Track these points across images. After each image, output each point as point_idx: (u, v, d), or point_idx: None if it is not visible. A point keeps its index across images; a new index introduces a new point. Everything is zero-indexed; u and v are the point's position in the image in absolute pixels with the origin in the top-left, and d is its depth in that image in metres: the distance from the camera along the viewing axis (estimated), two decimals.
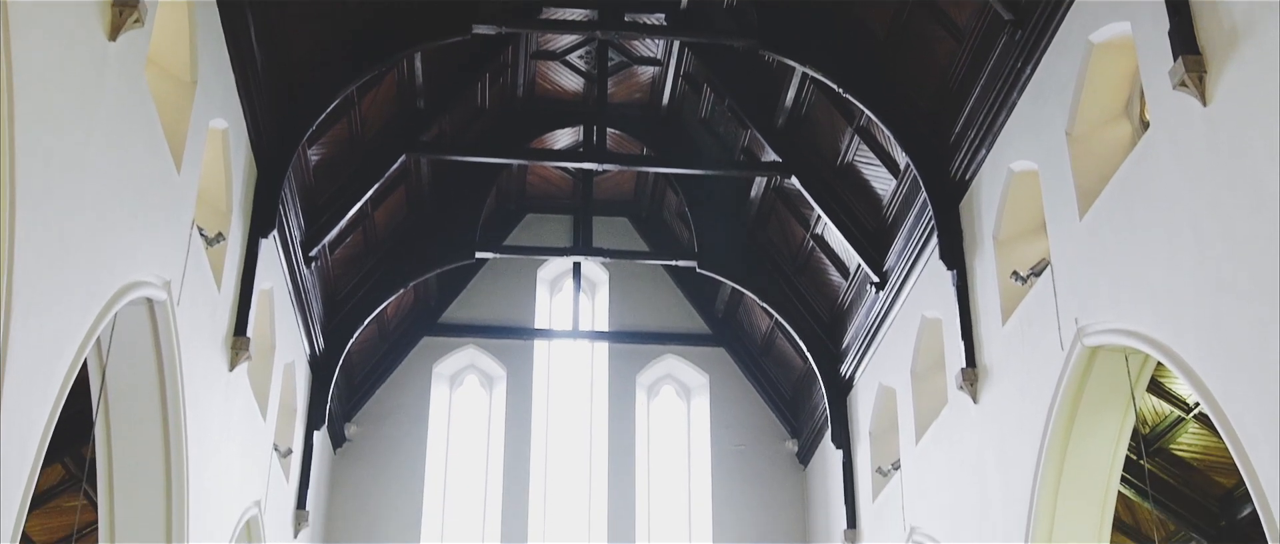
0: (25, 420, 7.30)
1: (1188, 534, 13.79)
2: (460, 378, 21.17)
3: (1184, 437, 13.09)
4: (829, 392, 17.93)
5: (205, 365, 11.58)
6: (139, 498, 10.76)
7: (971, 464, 13.05)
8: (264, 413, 14.43)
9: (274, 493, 15.17)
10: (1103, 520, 11.33)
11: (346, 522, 19.36)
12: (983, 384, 12.85)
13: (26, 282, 7.02)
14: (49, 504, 13.76)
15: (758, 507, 20.09)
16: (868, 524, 16.85)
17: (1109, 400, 10.79)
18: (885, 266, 15.55)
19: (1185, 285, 8.78)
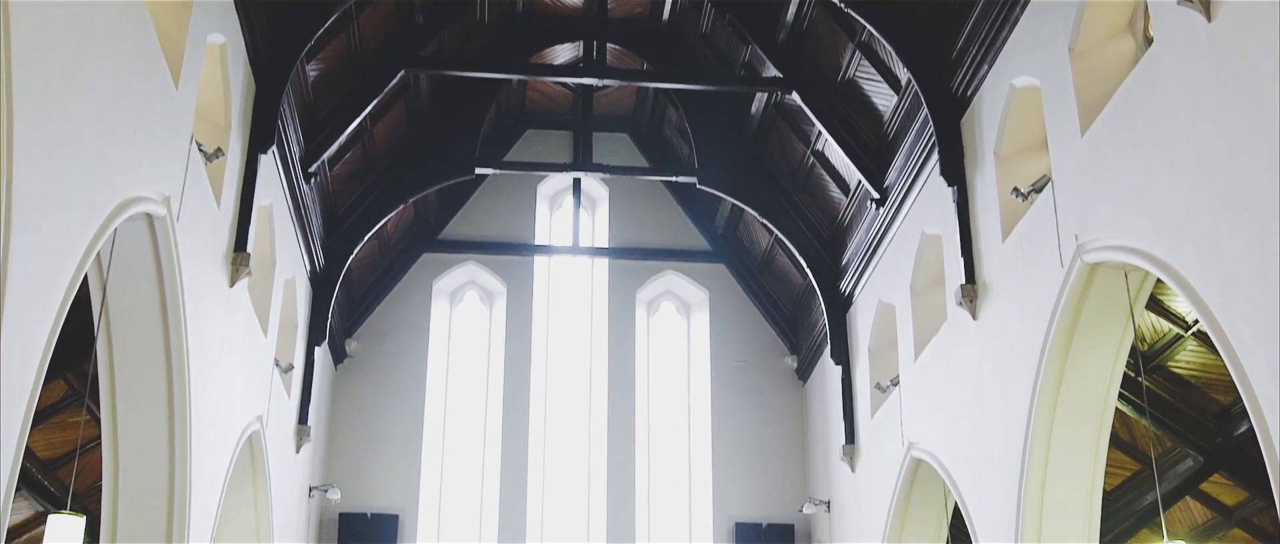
0: (26, 336, 7.32)
1: (1184, 451, 13.88)
2: (460, 294, 21.21)
3: (1182, 354, 13.13)
4: (828, 308, 17.96)
5: (205, 281, 11.60)
6: (141, 413, 10.82)
7: (970, 380, 13.10)
8: (265, 329, 14.47)
9: (275, 408, 15.25)
10: (1100, 436, 11.41)
11: (348, 437, 19.47)
12: (982, 300, 12.88)
13: (25, 197, 7.01)
14: (52, 420, 13.82)
15: (757, 422, 20.20)
16: (866, 439, 16.95)
17: (1108, 317, 10.82)
18: (886, 183, 15.52)
19: (1186, 202, 8.76)
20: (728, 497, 19.77)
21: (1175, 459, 14.03)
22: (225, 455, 12.86)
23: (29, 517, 15.04)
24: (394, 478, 19.42)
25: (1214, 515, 14.89)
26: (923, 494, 15.27)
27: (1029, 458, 11.47)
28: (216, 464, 12.50)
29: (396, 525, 19.07)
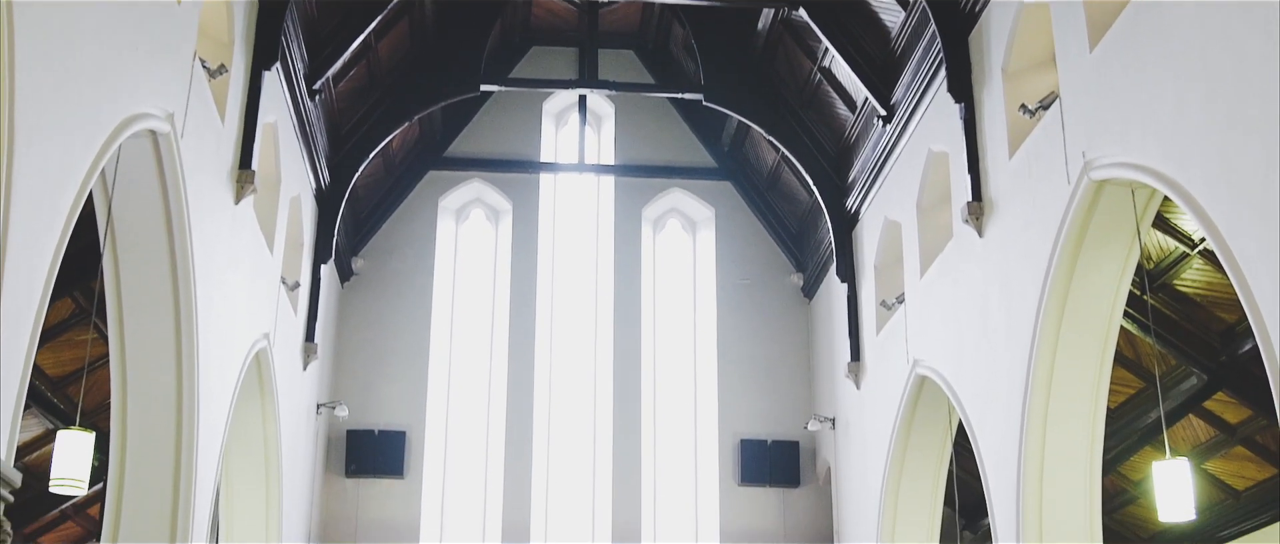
0: (32, 254, 7.33)
1: (1188, 369, 13.89)
2: (466, 212, 21.19)
3: (1188, 272, 13.10)
4: (834, 226, 17.94)
5: (210, 198, 11.59)
6: (148, 330, 10.86)
7: (975, 298, 13.11)
8: (270, 246, 14.48)
9: (282, 326, 15.30)
10: (1104, 354, 11.43)
11: (355, 354, 19.56)
12: (988, 218, 12.85)
13: (28, 114, 6.99)
14: (60, 338, 13.85)
15: (762, 340, 20.25)
16: (871, 357, 17.00)
17: (1114, 235, 10.80)
18: (892, 100, 15.44)
19: (1194, 119, 8.71)
20: (733, 414, 19.87)
21: (1179, 377, 14.05)
22: (232, 372, 12.92)
23: (39, 434, 15.13)
24: (401, 395, 19.52)
25: (1217, 433, 14.93)
26: (927, 411, 15.33)
27: (1033, 375, 11.50)
28: (224, 381, 12.56)
29: (403, 442, 19.20)
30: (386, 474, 19.05)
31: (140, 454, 11.15)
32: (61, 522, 17.58)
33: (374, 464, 19.02)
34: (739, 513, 19.38)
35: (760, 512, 19.39)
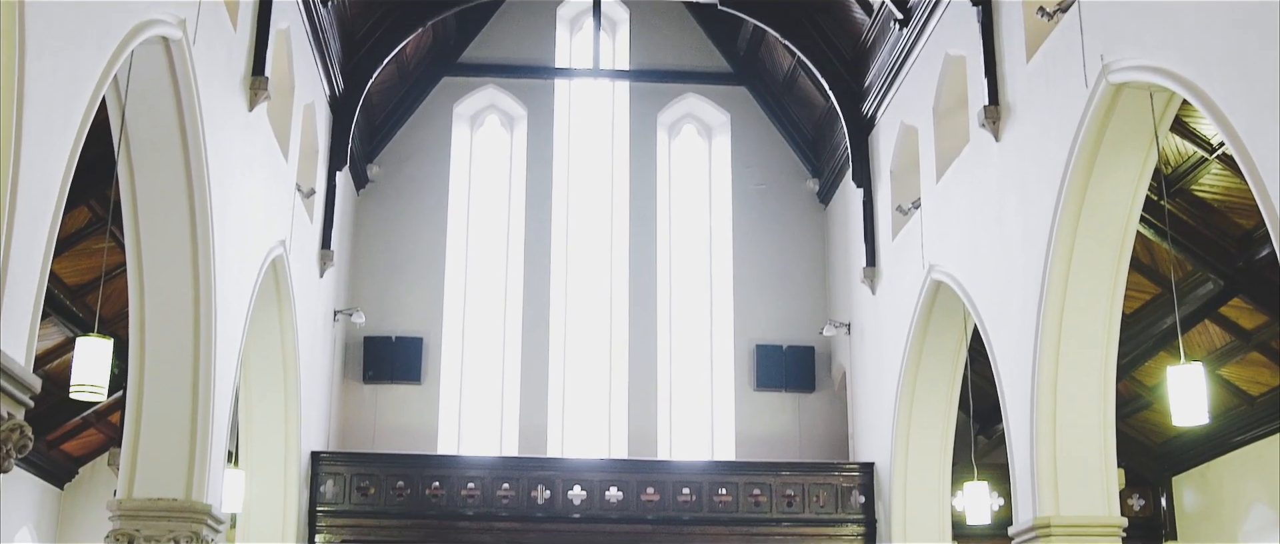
0: (46, 161, 7.33)
1: (1204, 274, 13.86)
2: (481, 118, 21.12)
3: (1205, 177, 13.02)
4: (850, 130, 17.85)
5: (224, 106, 11.56)
6: (165, 238, 10.88)
7: (991, 202, 13.07)
8: (285, 154, 14.47)
9: (298, 233, 15.33)
10: (1120, 259, 11.40)
11: (371, 262, 19.62)
12: (1005, 122, 12.77)
13: (40, 21, 6.95)
14: (77, 246, 13.91)
15: (778, 246, 20.25)
16: (887, 262, 16.99)
17: (1131, 139, 10.72)
18: (909, 3, 15.28)
19: (1214, 22, 8.61)
20: (748, 319, 19.92)
21: (1195, 283, 14.02)
22: (249, 280, 12.97)
23: (59, 342, 15.25)
24: (418, 302, 19.61)
25: (1233, 339, 14.93)
26: (942, 316, 15.35)
27: (1049, 280, 11.48)
28: (241, 289, 12.61)
29: (421, 349, 19.32)
30: (404, 381, 19.19)
31: (159, 361, 11.22)
32: (83, 429, 17.78)
33: (391, 371, 19.15)
34: (755, 418, 19.50)
35: (776, 417, 19.51)
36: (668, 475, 17.95)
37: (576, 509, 17.59)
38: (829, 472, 18.00)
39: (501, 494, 17.55)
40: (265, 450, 15.77)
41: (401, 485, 17.46)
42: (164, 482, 11.34)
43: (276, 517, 15.95)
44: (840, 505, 17.72)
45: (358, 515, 17.27)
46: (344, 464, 17.54)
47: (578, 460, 18.36)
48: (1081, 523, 11.82)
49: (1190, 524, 17.38)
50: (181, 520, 11.34)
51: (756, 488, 17.77)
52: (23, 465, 16.86)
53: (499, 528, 17.36)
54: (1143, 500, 17.97)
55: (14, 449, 6.90)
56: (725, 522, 17.61)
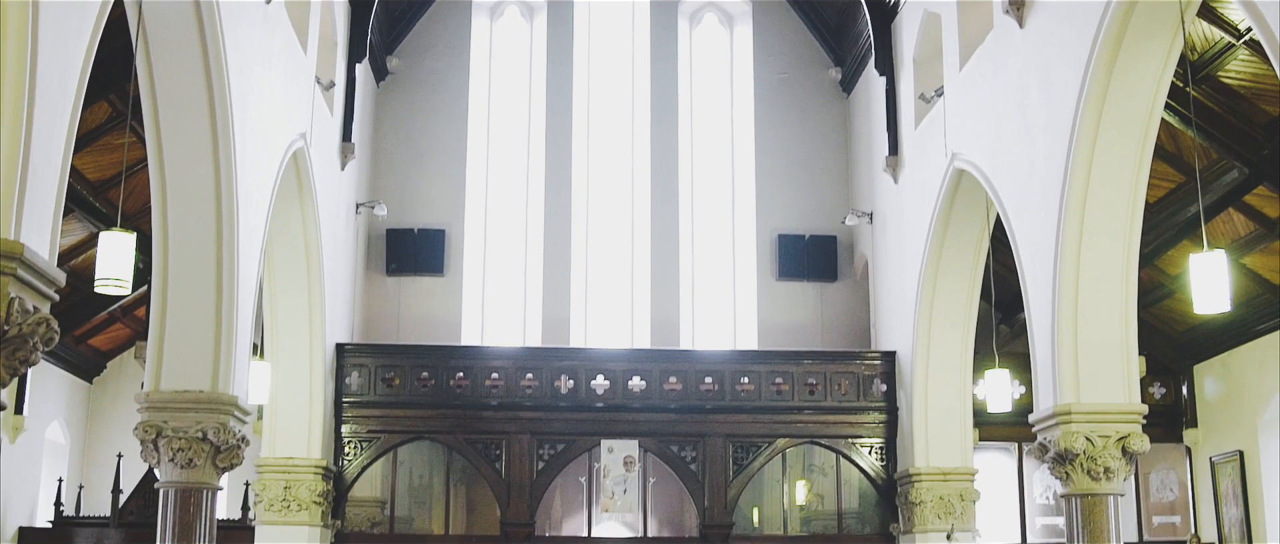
0: (63, 56, 7.32)
1: (1229, 162, 13.74)
2: (500, 9, 20.96)
3: (1232, 64, 12.86)
4: (873, 18, 17.67)
5: None
6: (185, 132, 10.89)
7: (1015, 90, 12.95)
8: (304, 46, 14.40)
9: (319, 126, 15.31)
10: (1144, 147, 11.31)
11: (392, 154, 19.61)
12: (1029, 8, 12.61)
13: None
14: (98, 142, 13.94)
15: (800, 135, 20.15)
16: (909, 151, 16.91)
17: (1157, 25, 10.58)
18: None
19: None
20: (770, 209, 19.89)
21: (1220, 171, 13.91)
22: (270, 172, 12.98)
23: (83, 238, 15.34)
24: (440, 194, 19.63)
25: (1256, 227, 14.83)
26: (965, 205, 15.30)
27: (1072, 168, 11.41)
28: (262, 181, 12.63)
29: (443, 240, 19.38)
30: (427, 272, 19.28)
31: (182, 255, 11.28)
32: (110, 324, 17.95)
33: (414, 263, 19.23)
34: (777, 308, 19.55)
35: (798, 306, 19.56)
36: (690, 365, 18.06)
37: (599, 398, 17.73)
38: (851, 360, 18.09)
39: (525, 384, 17.69)
40: (290, 342, 15.91)
41: (426, 376, 17.62)
42: (190, 374, 11.46)
43: (302, 408, 16.15)
44: (862, 394, 17.82)
45: (383, 406, 17.46)
46: (368, 355, 17.70)
47: (601, 350, 18.47)
48: (1102, 410, 11.86)
49: (1211, 412, 17.44)
50: (208, 412, 11.48)
51: (779, 377, 17.88)
52: (51, 360, 17.05)
53: (523, 417, 17.53)
54: (1164, 389, 18.01)
55: (41, 342, 6.98)
56: (748, 410, 17.74)
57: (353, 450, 17.31)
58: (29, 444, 16.56)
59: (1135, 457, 12.12)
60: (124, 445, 16.12)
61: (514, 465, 17.40)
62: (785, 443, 17.82)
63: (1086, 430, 11.79)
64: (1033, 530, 17.87)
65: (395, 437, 17.54)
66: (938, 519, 16.42)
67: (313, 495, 16.13)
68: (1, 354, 6.71)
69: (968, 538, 16.57)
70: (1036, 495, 17.92)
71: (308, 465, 16.13)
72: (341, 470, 17.14)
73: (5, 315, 6.62)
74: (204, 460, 11.50)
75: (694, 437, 17.67)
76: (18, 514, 16.61)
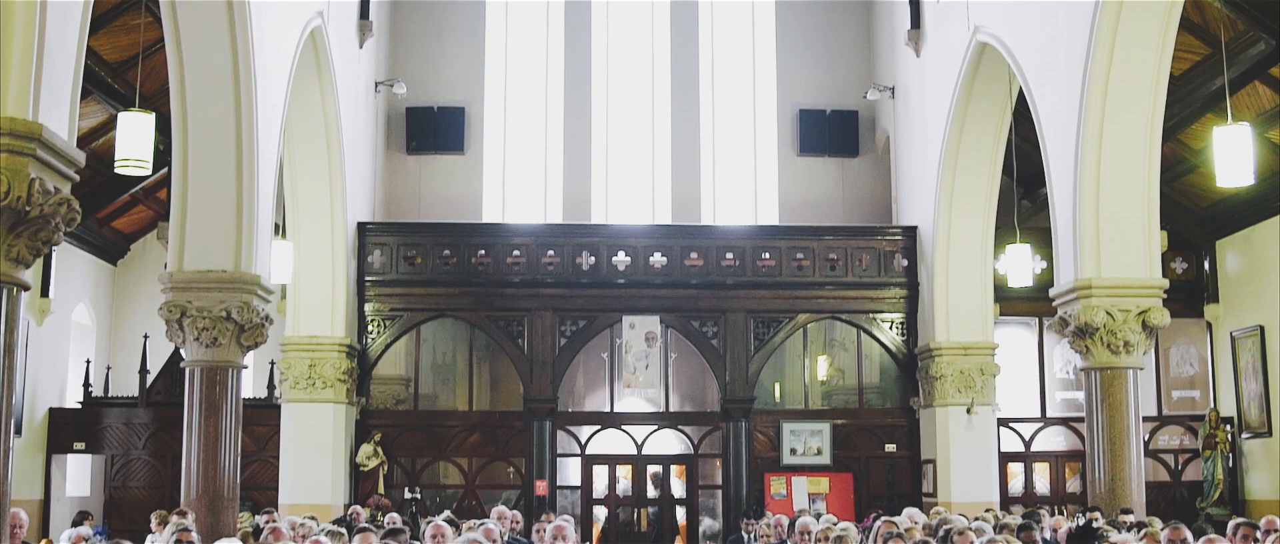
0: None
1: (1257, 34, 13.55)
2: None
3: None
4: None
5: None
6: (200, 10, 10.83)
7: None
8: None
9: (336, 3, 15.18)
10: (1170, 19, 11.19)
11: (411, 32, 19.46)
12: None
13: None
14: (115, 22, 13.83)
15: (821, 8, 19.89)
16: (931, 24, 16.75)
17: None
18: None
19: None
20: (791, 84, 19.74)
21: (1246, 43, 13.71)
22: (288, 51, 12.92)
23: (103, 120, 15.31)
24: (459, 72, 19.52)
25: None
26: (987, 79, 15.18)
27: (1096, 41, 11.29)
28: (280, 60, 12.58)
29: (463, 118, 19.31)
30: (447, 150, 19.25)
31: (201, 135, 11.30)
32: (132, 206, 17.99)
33: (434, 141, 19.19)
34: (798, 183, 19.50)
35: (819, 182, 19.50)
36: (711, 240, 18.08)
37: (621, 275, 17.79)
38: (872, 235, 18.08)
39: (546, 261, 17.75)
40: (312, 222, 15.96)
41: (447, 254, 17.69)
42: (213, 254, 11.55)
43: (325, 287, 16.25)
44: (883, 269, 17.84)
45: (405, 284, 17.56)
46: (390, 234, 17.76)
47: (622, 226, 18.49)
48: (1122, 284, 11.88)
49: (1232, 287, 17.40)
50: (231, 291, 11.58)
51: (800, 252, 17.90)
52: (76, 243, 17.15)
53: (544, 294, 17.62)
54: (1185, 264, 17.96)
55: (62, 223, 7.02)
56: (768, 285, 17.79)
57: (376, 329, 17.45)
58: (56, 326, 16.72)
59: (1155, 331, 12.15)
60: (150, 326, 16.28)
61: (536, 342, 17.53)
62: (806, 318, 17.88)
63: (1107, 304, 11.81)
64: (1052, 404, 17.98)
65: (418, 315, 17.66)
66: (958, 393, 16.54)
67: (337, 373, 16.30)
68: (24, 235, 6.76)
69: (987, 412, 16.69)
70: (1056, 370, 17.99)
71: (331, 344, 16.28)
72: (365, 349, 17.29)
73: (26, 196, 6.65)
74: (228, 339, 11.62)
75: (715, 312, 17.75)
76: (47, 395, 16.84)
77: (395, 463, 17.38)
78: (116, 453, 17.21)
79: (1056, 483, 17.84)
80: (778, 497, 17.25)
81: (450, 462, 17.78)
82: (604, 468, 18.14)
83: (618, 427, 17.95)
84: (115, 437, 17.15)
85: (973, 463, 16.52)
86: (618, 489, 18.15)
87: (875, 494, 17.33)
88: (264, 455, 16.87)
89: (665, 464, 18.24)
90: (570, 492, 18.06)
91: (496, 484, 17.75)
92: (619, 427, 17.95)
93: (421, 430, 17.61)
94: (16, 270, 6.82)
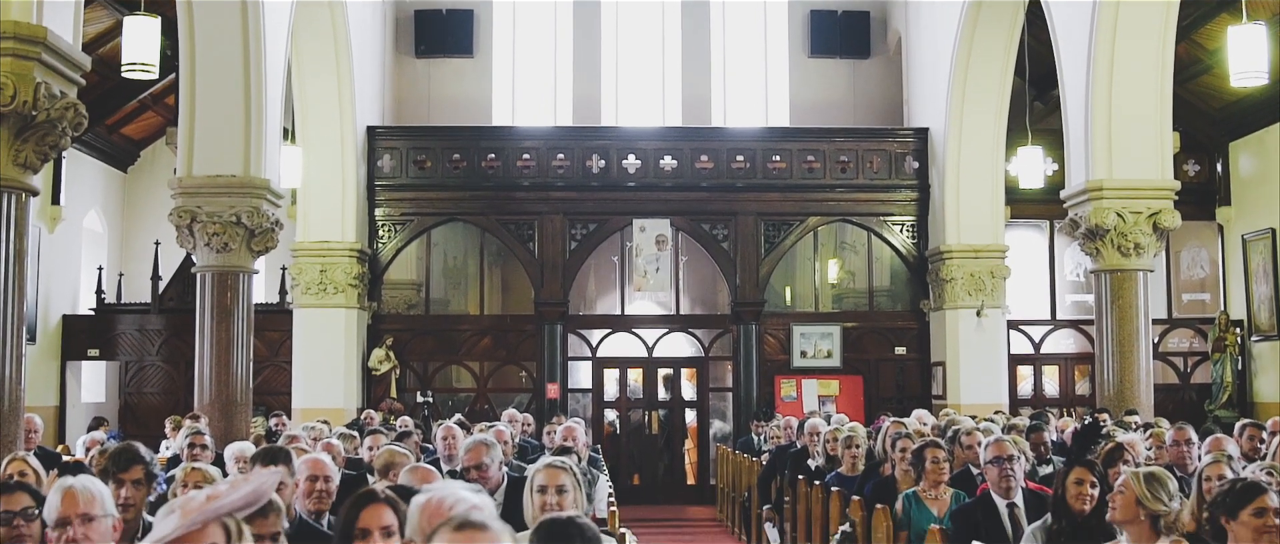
0: None
1: None
2: None
3: None
4: None
5: None
6: None
7: None
8: None
9: None
10: None
11: None
12: None
13: None
14: None
15: None
16: None
17: None
18: None
19: None
20: None
21: None
22: None
23: (109, 25, 15.23)
24: None
25: None
26: None
27: None
28: None
29: (472, 20, 19.16)
30: (456, 53, 19.11)
31: (208, 38, 11.25)
32: (141, 112, 17.96)
33: (443, 43, 19.05)
34: (809, 85, 19.35)
35: (830, 83, 19.35)
36: (722, 142, 18.02)
37: (631, 177, 17.76)
38: (883, 138, 18.00)
39: (556, 164, 17.72)
40: (321, 126, 15.93)
41: (457, 158, 17.66)
42: (222, 159, 11.55)
43: (335, 191, 16.26)
44: (894, 171, 17.78)
45: (415, 188, 17.55)
46: (400, 138, 17.72)
47: (632, 129, 18.42)
48: (1134, 186, 11.85)
49: (1245, 189, 17.31)
50: (241, 196, 11.59)
51: (810, 154, 17.84)
52: (85, 150, 17.13)
53: (554, 197, 17.60)
54: (1198, 166, 17.86)
55: (69, 127, 7.02)
56: (779, 188, 17.75)
57: (386, 233, 17.47)
58: (67, 234, 16.76)
59: (1166, 233, 12.14)
60: (161, 233, 16.30)
61: (546, 246, 17.55)
62: (817, 221, 17.87)
63: (1118, 206, 11.79)
64: (1062, 307, 18.00)
65: (428, 219, 17.67)
66: (968, 296, 16.55)
67: (348, 278, 16.35)
68: (31, 140, 6.76)
69: (997, 314, 16.72)
70: (1067, 272, 17.99)
71: (342, 249, 16.31)
72: (376, 253, 17.33)
73: (32, 100, 6.64)
74: (239, 244, 11.65)
75: (725, 215, 17.74)
76: (60, 302, 16.91)
77: (407, 367, 17.48)
78: (130, 359, 17.33)
79: (1066, 385, 17.91)
80: (788, 399, 17.34)
81: (462, 366, 17.88)
82: (615, 371, 18.25)
83: (628, 330, 18.02)
84: (129, 343, 17.27)
85: (982, 365, 16.57)
86: (628, 392, 18.27)
87: (885, 397, 17.40)
88: (277, 361, 16.97)
89: (676, 367, 18.34)
90: (581, 395, 18.16)
91: (508, 388, 17.86)
92: (630, 330, 18.02)
93: (433, 335, 17.69)
94: (24, 175, 6.83)
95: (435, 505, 3.27)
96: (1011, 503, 6.28)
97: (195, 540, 2.75)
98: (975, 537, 5.94)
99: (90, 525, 3.84)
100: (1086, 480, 5.47)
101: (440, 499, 3.29)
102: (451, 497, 3.28)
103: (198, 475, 5.12)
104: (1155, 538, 4.85)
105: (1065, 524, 5.45)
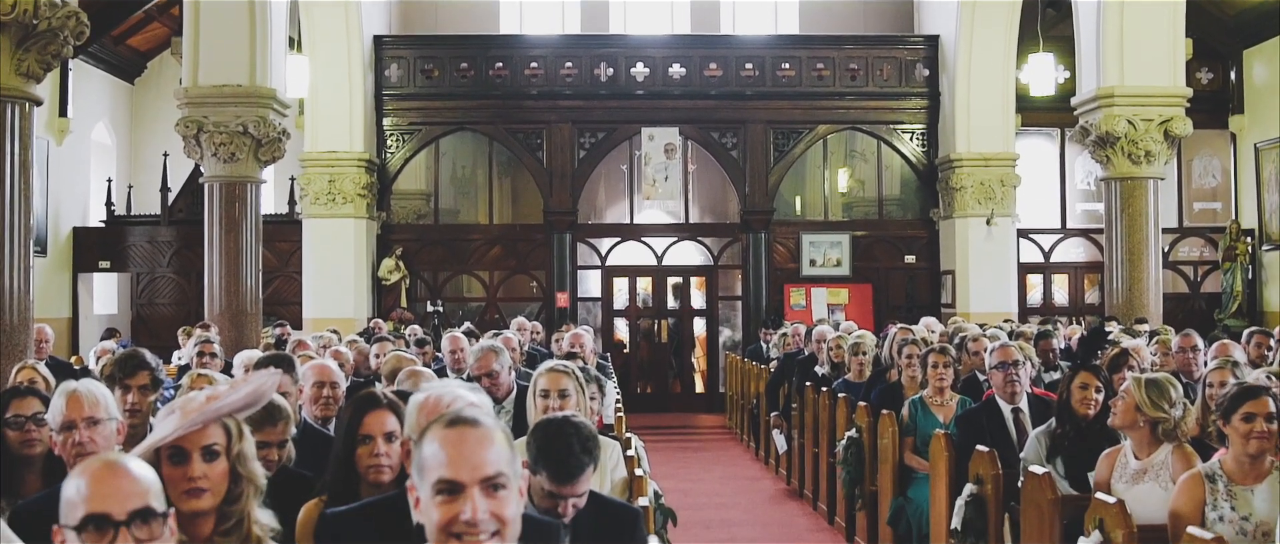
0: None
1: None
2: None
3: None
4: None
5: None
6: None
7: None
8: None
9: None
10: None
11: None
12: None
13: None
14: None
15: None
16: None
17: None
18: None
19: None
20: None
21: None
22: None
23: None
24: None
25: None
26: None
27: None
28: None
29: None
30: None
31: None
32: (146, 23, 17.85)
33: None
34: None
35: None
36: (730, 50, 17.90)
37: (639, 86, 17.67)
38: (893, 45, 17.86)
39: (564, 72, 17.63)
40: (327, 35, 15.85)
41: (465, 66, 17.57)
42: (228, 69, 11.51)
43: (342, 101, 16.21)
44: (904, 78, 17.67)
45: (423, 98, 17.48)
46: (407, 47, 17.62)
47: (640, 37, 18.29)
48: (1145, 93, 11.78)
49: (1258, 98, 17.17)
50: (248, 105, 11.57)
51: (820, 62, 17.71)
52: (92, 62, 17.05)
53: (563, 106, 17.53)
54: (1211, 73, 17.71)
55: (71, 35, 6.98)
56: (788, 96, 17.65)
57: (395, 143, 17.43)
58: (76, 146, 16.73)
59: (1177, 141, 12.09)
60: (169, 145, 16.26)
61: (555, 155, 17.51)
62: (826, 129, 17.79)
63: (1129, 113, 11.73)
64: (1073, 215, 17.95)
65: (436, 128, 17.62)
66: (978, 204, 16.51)
67: (357, 188, 16.35)
68: (32, 49, 6.73)
69: (1007, 223, 16.68)
70: (1077, 181, 17.92)
71: (351, 158, 16.30)
72: (385, 163, 17.30)
73: (33, 9, 6.60)
74: (246, 154, 11.65)
75: (734, 123, 17.66)
76: (71, 214, 16.93)
77: (417, 276, 17.52)
78: (142, 271, 17.38)
79: (1075, 294, 17.90)
80: (797, 307, 17.36)
81: (472, 275, 17.92)
82: (624, 280, 18.27)
83: (638, 239, 18.02)
84: (140, 255, 17.31)
85: (992, 274, 16.57)
86: (638, 300, 18.30)
87: (894, 305, 17.42)
88: (287, 271, 17.02)
89: (685, 275, 18.36)
90: (591, 303, 18.19)
91: (518, 297, 17.89)
92: (639, 239, 18.02)
93: (442, 244, 17.71)
94: (27, 85, 6.81)
95: (433, 403, 3.30)
96: (1016, 408, 6.31)
97: (196, 440, 2.78)
98: (980, 440, 5.98)
99: (95, 428, 3.86)
100: (1091, 385, 5.50)
101: (438, 397, 3.32)
102: (449, 395, 3.31)
103: (204, 381, 5.15)
104: (1156, 443, 4.87)
105: (1069, 428, 5.48)
